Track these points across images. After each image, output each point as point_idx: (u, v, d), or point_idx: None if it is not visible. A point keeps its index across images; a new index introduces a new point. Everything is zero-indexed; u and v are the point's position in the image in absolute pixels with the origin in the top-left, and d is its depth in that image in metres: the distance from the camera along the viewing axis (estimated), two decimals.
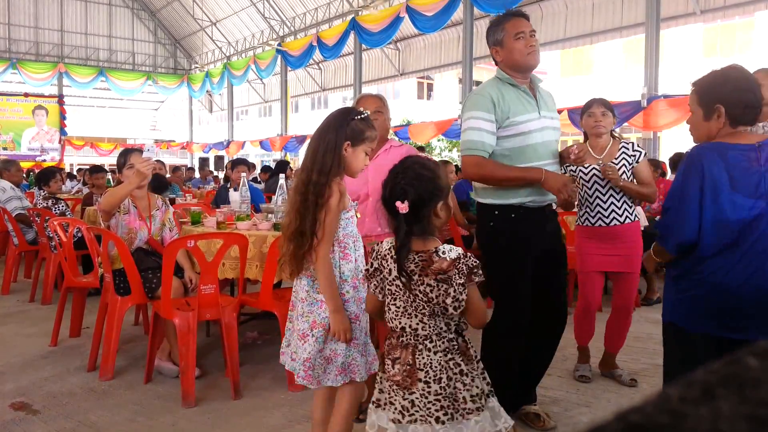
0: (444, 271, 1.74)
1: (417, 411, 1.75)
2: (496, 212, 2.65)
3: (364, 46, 16.67)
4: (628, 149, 3.37)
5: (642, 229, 5.05)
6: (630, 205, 3.39)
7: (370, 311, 2.03)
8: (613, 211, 3.32)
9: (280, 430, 2.81)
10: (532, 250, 2.67)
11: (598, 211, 3.35)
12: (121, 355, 3.68)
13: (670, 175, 6.65)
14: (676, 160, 6.75)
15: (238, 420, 2.93)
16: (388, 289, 1.84)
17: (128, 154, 3.74)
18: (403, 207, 1.77)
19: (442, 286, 1.74)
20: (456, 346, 1.82)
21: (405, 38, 17.57)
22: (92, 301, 4.54)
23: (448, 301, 1.76)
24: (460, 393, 1.77)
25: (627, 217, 3.34)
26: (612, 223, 3.33)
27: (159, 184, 5.80)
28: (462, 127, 2.66)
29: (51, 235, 4.90)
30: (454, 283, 1.75)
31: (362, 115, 2.16)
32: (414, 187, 1.78)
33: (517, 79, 2.66)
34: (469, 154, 2.59)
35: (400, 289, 1.81)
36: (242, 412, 3.01)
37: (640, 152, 3.38)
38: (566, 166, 3.27)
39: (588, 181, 3.37)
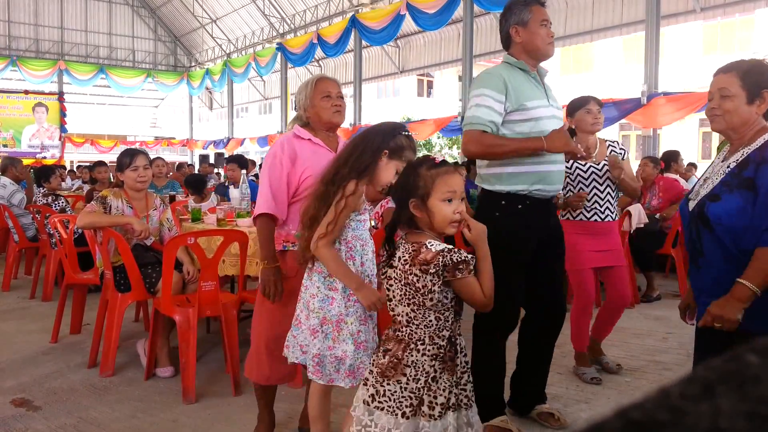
0: (427, 262, 1.79)
1: (386, 401, 1.81)
2: (503, 202, 2.62)
3: (364, 43, 16.63)
4: (615, 147, 3.51)
5: (641, 226, 5.13)
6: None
7: None
8: (607, 207, 3.44)
9: (281, 426, 2.82)
10: (531, 244, 2.68)
11: (595, 206, 3.41)
12: (121, 352, 3.68)
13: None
14: (667, 158, 6.67)
15: (238, 416, 2.93)
16: (390, 274, 1.91)
17: (134, 155, 3.74)
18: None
19: (426, 277, 1.80)
20: (442, 355, 1.85)
21: (405, 35, 17.52)
22: (92, 297, 4.54)
23: (426, 291, 1.82)
24: (426, 397, 1.81)
25: (616, 213, 3.51)
26: (606, 219, 3.44)
27: (197, 182, 5.75)
28: (469, 104, 2.62)
29: (51, 232, 4.90)
30: (430, 274, 1.80)
31: (408, 133, 2.19)
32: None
33: (529, 65, 2.67)
34: (473, 129, 2.53)
35: (392, 279, 1.88)
36: (243, 408, 3.02)
37: (625, 150, 3.54)
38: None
39: (587, 178, 3.40)
